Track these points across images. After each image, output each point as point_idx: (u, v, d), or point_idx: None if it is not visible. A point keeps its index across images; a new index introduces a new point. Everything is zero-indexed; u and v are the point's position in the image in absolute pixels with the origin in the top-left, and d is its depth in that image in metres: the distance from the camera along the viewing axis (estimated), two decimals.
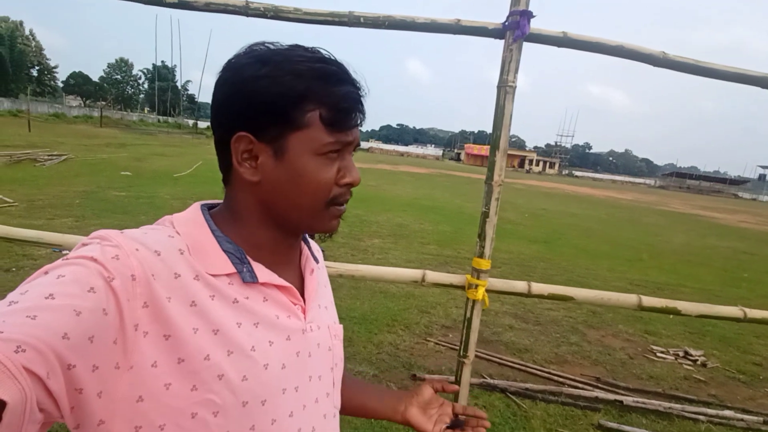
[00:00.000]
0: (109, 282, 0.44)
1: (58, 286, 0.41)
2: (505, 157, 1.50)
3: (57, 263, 0.45)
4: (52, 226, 5.55)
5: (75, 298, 0.41)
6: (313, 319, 0.62)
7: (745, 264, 9.00)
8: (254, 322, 0.54)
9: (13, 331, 0.36)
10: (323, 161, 0.55)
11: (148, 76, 73.59)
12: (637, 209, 21.03)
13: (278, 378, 0.55)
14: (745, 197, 70.22)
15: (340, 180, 0.57)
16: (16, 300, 0.40)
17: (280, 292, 0.59)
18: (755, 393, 3.34)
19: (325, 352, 0.64)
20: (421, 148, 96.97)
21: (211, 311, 0.51)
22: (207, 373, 0.49)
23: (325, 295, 0.70)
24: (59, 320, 0.39)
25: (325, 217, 0.58)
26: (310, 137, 0.54)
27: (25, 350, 0.36)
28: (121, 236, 0.49)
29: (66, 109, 39.64)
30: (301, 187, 0.55)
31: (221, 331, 0.51)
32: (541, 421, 2.61)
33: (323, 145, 0.54)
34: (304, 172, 0.54)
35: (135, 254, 0.48)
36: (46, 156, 12.39)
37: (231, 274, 0.54)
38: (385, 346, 3.39)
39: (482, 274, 1.53)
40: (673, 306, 1.57)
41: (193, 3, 1.61)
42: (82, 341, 0.40)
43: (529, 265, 6.53)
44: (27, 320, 0.38)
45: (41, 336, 0.37)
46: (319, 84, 0.53)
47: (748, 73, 1.52)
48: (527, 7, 1.44)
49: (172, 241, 0.53)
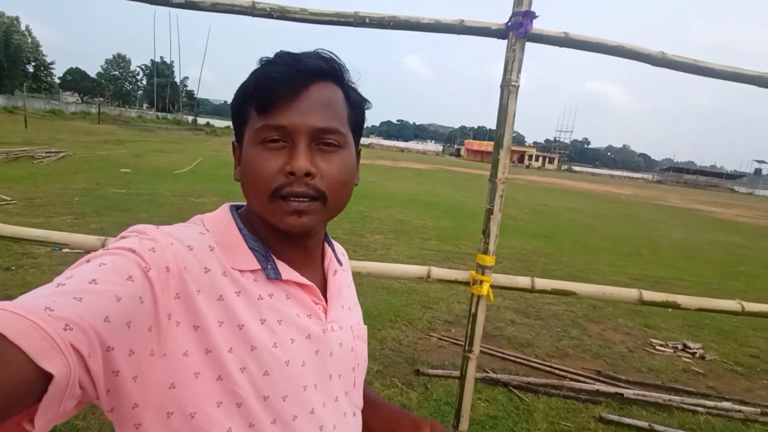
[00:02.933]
0: (145, 272, 0.47)
1: (100, 272, 0.44)
2: (509, 155, 1.52)
3: (99, 252, 0.48)
4: (52, 224, 5.54)
5: (115, 285, 0.44)
6: (334, 319, 0.63)
7: (742, 258, 9.06)
8: (278, 319, 0.56)
9: (62, 310, 0.38)
10: (261, 150, 0.55)
11: (146, 72, 73.26)
12: (636, 204, 21.09)
13: (299, 375, 0.56)
14: (741, 191, 70.43)
15: (284, 168, 0.54)
16: (63, 282, 0.42)
17: (303, 291, 0.61)
18: (752, 384, 3.39)
19: (347, 352, 0.65)
20: (422, 144, 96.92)
21: (236, 306, 0.53)
22: (230, 366, 0.51)
23: (349, 297, 0.72)
24: (101, 304, 0.42)
25: (275, 212, 0.55)
26: (250, 127, 0.56)
27: (72, 329, 0.38)
28: (157, 231, 0.52)
29: (63, 106, 39.48)
30: (246, 179, 0.57)
31: (246, 326, 0.53)
32: (544, 414, 2.65)
33: (255, 131, 0.55)
34: (246, 163, 0.56)
35: (170, 248, 0.50)
36: (43, 153, 12.29)
37: (256, 270, 0.57)
38: (389, 341, 3.42)
39: (486, 270, 1.56)
40: (672, 300, 1.61)
41: (199, 3, 1.62)
42: (120, 326, 0.43)
43: (530, 260, 6.57)
44: (74, 301, 0.40)
45: (86, 317, 0.39)
46: (253, 75, 0.56)
47: (745, 73, 1.55)
48: (530, 7, 1.46)
49: (203, 237, 0.56)
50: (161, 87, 66.44)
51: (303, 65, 0.55)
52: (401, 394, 2.72)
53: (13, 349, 0.34)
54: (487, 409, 2.64)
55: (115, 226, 5.81)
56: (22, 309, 0.37)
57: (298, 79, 0.54)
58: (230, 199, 0.70)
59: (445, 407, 2.60)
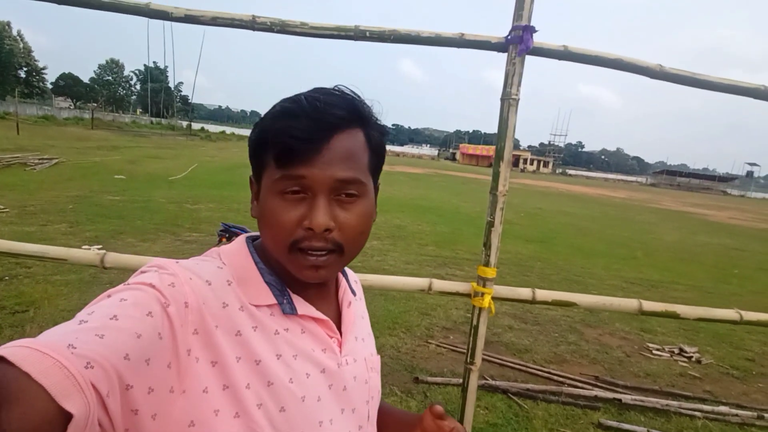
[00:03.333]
0: (165, 308, 0.47)
1: (120, 308, 0.44)
2: (509, 168, 1.54)
3: (119, 288, 0.48)
4: (46, 233, 5.50)
5: (135, 321, 0.44)
6: (349, 353, 0.63)
7: (735, 260, 9.15)
8: (293, 354, 0.56)
9: (85, 348, 0.38)
10: (280, 201, 0.54)
11: (140, 77, 72.98)
12: (630, 207, 21.24)
13: (314, 410, 0.56)
14: (733, 194, 71.18)
15: (303, 222, 0.54)
16: (86, 319, 0.42)
17: (318, 325, 0.61)
18: (749, 388, 3.42)
19: (361, 385, 0.64)
20: (417, 148, 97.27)
21: (253, 342, 0.53)
22: (248, 402, 0.50)
23: (363, 327, 0.71)
24: (122, 341, 0.41)
25: (293, 262, 0.55)
26: (269, 175, 0.56)
27: (93, 367, 0.38)
28: (176, 266, 0.52)
29: (56, 111, 39.11)
30: (265, 224, 0.56)
31: (263, 362, 0.53)
32: (543, 421, 2.65)
33: (273, 182, 0.54)
34: (265, 210, 0.56)
35: (189, 283, 0.50)
36: (36, 160, 12.17)
37: (272, 305, 0.57)
38: (387, 349, 3.42)
39: (488, 282, 1.57)
40: (672, 310, 1.62)
41: (199, 18, 1.63)
42: (140, 363, 0.42)
43: (527, 265, 6.59)
44: (96, 339, 0.40)
45: (107, 355, 0.39)
46: (272, 122, 0.55)
47: (741, 85, 1.58)
48: (529, 21, 1.48)
49: (221, 272, 0.56)
50: (155, 92, 66.23)
51: (324, 118, 0.53)
52: (401, 402, 2.72)
53: (36, 388, 0.34)
54: (486, 417, 2.64)
55: (110, 233, 5.77)
56: (46, 347, 0.37)
57: (320, 135, 0.53)
58: (225, 205, 0.70)
59: None
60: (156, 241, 5.73)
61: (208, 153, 23.39)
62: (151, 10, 1.71)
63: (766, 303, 5.75)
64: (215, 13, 1.70)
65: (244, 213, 7.08)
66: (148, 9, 1.71)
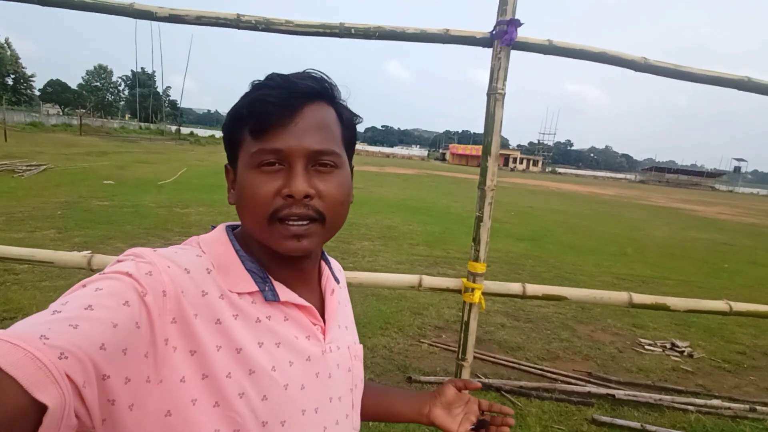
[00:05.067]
0: (142, 297, 0.46)
1: (96, 298, 0.43)
2: (497, 163, 1.53)
3: (94, 277, 0.47)
4: (34, 239, 5.42)
5: (111, 311, 0.43)
6: (332, 340, 0.63)
7: (725, 255, 9.26)
8: (276, 342, 0.55)
9: (58, 338, 0.38)
10: (257, 174, 0.54)
11: (128, 82, 72.47)
12: (620, 204, 21.44)
13: (298, 399, 0.55)
14: (721, 189, 72.28)
15: (281, 191, 0.54)
16: (59, 309, 0.41)
17: (301, 312, 0.60)
18: (740, 381, 3.45)
19: (344, 373, 0.64)
20: (407, 149, 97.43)
21: (234, 330, 0.52)
22: (229, 391, 0.50)
23: (346, 315, 0.71)
24: (97, 331, 0.40)
25: (273, 235, 0.55)
26: (244, 151, 0.56)
27: (68, 357, 0.37)
28: (154, 254, 0.51)
29: (44, 118, 38.70)
30: (242, 203, 0.56)
31: (244, 350, 0.52)
32: (537, 418, 2.65)
33: (250, 155, 0.54)
34: (242, 187, 0.56)
35: (167, 271, 0.49)
36: (24, 166, 12.05)
37: (254, 292, 0.56)
38: (380, 349, 3.41)
39: (478, 278, 1.56)
40: (662, 302, 1.63)
41: (184, 17, 1.61)
42: (116, 353, 0.42)
43: (518, 263, 6.62)
44: (69, 329, 0.39)
45: (82, 345, 0.39)
46: (245, 97, 0.56)
47: (724, 76, 1.59)
48: (514, 15, 1.48)
49: (200, 260, 0.55)
50: (143, 97, 65.75)
51: (296, 87, 0.54)
52: None
53: (7, 380, 0.33)
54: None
55: (99, 239, 5.70)
56: (17, 338, 0.36)
57: (293, 101, 0.54)
58: (215, 209, 0.70)
59: None
60: (145, 245, 5.62)
61: (198, 157, 23.22)
62: (135, 10, 1.69)
63: (756, 296, 5.82)
64: (200, 12, 1.68)
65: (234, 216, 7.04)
66: (132, 9, 1.69)
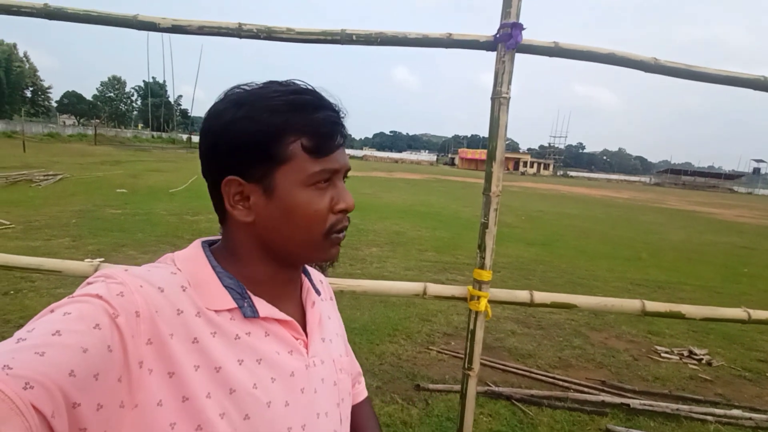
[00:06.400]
0: (114, 319, 0.44)
1: (64, 323, 0.42)
2: (502, 168, 1.50)
3: (63, 301, 0.45)
4: (50, 247, 5.53)
5: (81, 335, 0.41)
6: (316, 354, 0.61)
7: (744, 259, 9.02)
8: (256, 359, 0.54)
9: (22, 367, 0.36)
10: (313, 192, 0.55)
11: (140, 92, 73.88)
12: (634, 207, 21.11)
13: (282, 416, 0.54)
14: (740, 191, 70.77)
15: (334, 207, 0.56)
16: (24, 337, 0.40)
17: (282, 327, 0.58)
18: (762, 390, 3.33)
19: (330, 387, 0.62)
20: (415, 154, 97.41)
21: (212, 348, 0.50)
22: (210, 412, 0.48)
23: (330, 328, 0.69)
24: (66, 357, 0.39)
25: (325, 247, 0.58)
26: (295, 169, 0.54)
27: (33, 387, 0.36)
28: (125, 274, 0.50)
29: (60, 129, 39.68)
30: (296, 221, 0.55)
31: (223, 368, 0.50)
32: (549, 428, 2.59)
33: (309, 175, 0.54)
34: (296, 205, 0.54)
35: (139, 291, 0.48)
36: (41, 176, 12.34)
37: (232, 309, 0.54)
38: (388, 356, 3.37)
39: (484, 285, 1.52)
40: (677, 310, 1.57)
41: (186, 27, 1.62)
42: (87, 379, 0.40)
43: (529, 269, 6.52)
44: (35, 357, 0.38)
45: (49, 373, 0.37)
46: (295, 115, 0.54)
47: (739, 76, 1.54)
48: (518, 19, 1.45)
49: (175, 277, 0.53)
50: (155, 107, 66.95)
51: (335, 108, 0.57)
52: (402, 410, 2.66)
53: None
54: (490, 424, 2.58)
55: (111, 246, 5.79)
56: None
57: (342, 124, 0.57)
58: None
59: (447, 423, 2.54)
60: (156, 252, 5.71)
61: None
62: (139, 21, 1.71)
63: None
64: (202, 22, 1.69)
65: None
66: (136, 21, 1.71)
